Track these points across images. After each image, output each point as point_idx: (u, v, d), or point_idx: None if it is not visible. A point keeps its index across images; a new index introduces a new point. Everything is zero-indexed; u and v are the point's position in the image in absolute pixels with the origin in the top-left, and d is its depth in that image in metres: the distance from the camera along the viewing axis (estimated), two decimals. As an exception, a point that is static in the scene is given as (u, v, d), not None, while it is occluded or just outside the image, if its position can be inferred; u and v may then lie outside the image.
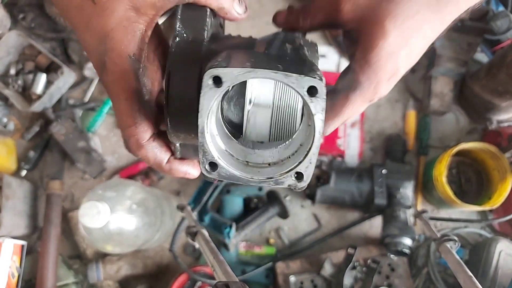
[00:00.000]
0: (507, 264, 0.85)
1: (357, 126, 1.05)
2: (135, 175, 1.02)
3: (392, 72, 0.36)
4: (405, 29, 0.35)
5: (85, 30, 0.35)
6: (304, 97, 0.30)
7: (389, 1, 0.34)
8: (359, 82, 0.36)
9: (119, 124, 0.38)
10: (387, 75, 0.36)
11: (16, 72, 1.02)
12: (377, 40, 0.35)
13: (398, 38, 0.35)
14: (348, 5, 0.36)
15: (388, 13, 0.34)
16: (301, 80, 0.30)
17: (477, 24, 0.95)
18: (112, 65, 0.35)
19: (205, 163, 0.33)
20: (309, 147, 0.32)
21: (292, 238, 1.00)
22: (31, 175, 1.03)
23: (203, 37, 0.36)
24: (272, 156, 0.36)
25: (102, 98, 1.07)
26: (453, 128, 1.05)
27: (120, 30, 0.34)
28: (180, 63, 0.35)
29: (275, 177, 0.34)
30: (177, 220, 0.94)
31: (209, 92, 0.31)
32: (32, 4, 1.04)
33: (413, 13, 0.34)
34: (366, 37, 0.35)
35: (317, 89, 0.30)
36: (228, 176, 0.34)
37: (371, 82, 0.36)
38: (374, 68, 0.35)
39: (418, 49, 0.36)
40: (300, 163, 0.33)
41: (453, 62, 0.97)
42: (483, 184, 0.98)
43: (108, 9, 0.34)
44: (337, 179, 0.92)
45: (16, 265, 0.88)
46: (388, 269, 0.89)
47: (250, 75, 0.30)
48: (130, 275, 0.95)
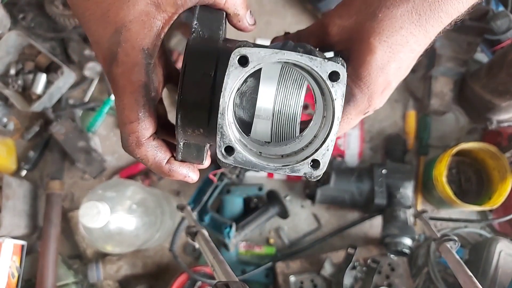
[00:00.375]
0: (507, 264, 0.85)
1: (357, 126, 1.05)
2: (135, 175, 1.02)
3: (384, 85, 0.38)
4: (392, 44, 0.36)
5: (99, 21, 0.35)
6: (326, 82, 0.32)
7: (372, 20, 0.36)
8: (352, 95, 0.38)
9: (121, 119, 0.37)
10: (379, 88, 0.38)
11: (16, 72, 1.02)
12: (364, 56, 0.37)
13: (386, 53, 0.37)
14: (335, 28, 0.39)
15: (372, 30, 0.36)
16: (325, 64, 0.31)
17: (477, 24, 0.95)
18: (124, 56, 0.35)
19: (222, 146, 0.33)
20: (326, 134, 0.33)
21: (292, 238, 1.00)
22: (31, 175, 1.03)
23: (218, 36, 0.37)
24: (283, 150, 0.36)
25: (102, 98, 1.07)
26: (453, 128, 1.05)
27: (138, 23, 0.35)
28: (197, 56, 0.35)
29: (291, 164, 0.34)
30: (177, 220, 0.94)
31: (234, 71, 0.31)
32: (32, 4, 1.04)
33: (397, 28, 0.36)
34: (355, 54, 0.37)
35: (339, 74, 0.31)
36: (244, 162, 0.34)
37: (364, 95, 0.38)
38: (366, 81, 0.37)
39: (406, 62, 0.38)
40: (317, 150, 0.34)
41: (453, 61, 0.97)
42: (483, 184, 0.98)
43: (129, 1, 0.34)
44: (337, 179, 0.92)
45: (16, 265, 0.88)
46: (388, 269, 0.89)
47: (277, 57, 0.31)
48: (130, 275, 0.95)
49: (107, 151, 1.05)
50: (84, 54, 1.02)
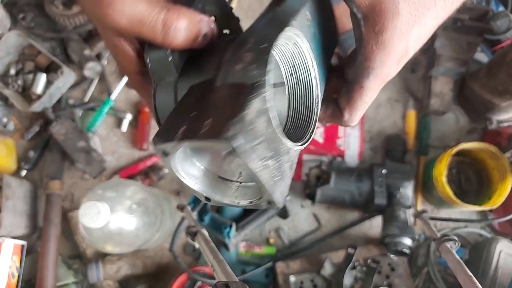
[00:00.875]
0: (507, 264, 0.85)
1: (357, 126, 1.05)
2: (135, 175, 1.02)
3: (402, 53, 0.35)
4: (418, 5, 0.33)
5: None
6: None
7: None
8: (371, 68, 0.35)
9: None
10: (397, 56, 0.35)
11: (16, 72, 1.02)
12: (390, 19, 0.33)
13: (412, 16, 0.33)
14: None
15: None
16: None
17: (477, 24, 0.95)
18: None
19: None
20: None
21: (292, 238, 1.00)
22: (31, 175, 1.03)
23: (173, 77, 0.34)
24: None
25: (102, 98, 1.07)
26: (453, 128, 1.05)
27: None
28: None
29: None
30: (177, 220, 0.94)
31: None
32: (32, 4, 1.04)
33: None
34: (379, 17, 0.34)
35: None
36: None
37: (383, 65, 0.35)
38: (386, 49, 0.34)
39: (429, 28, 0.35)
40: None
41: (453, 61, 0.97)
42: (483, 184, 0.98)
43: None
44: (337, 179, 0.92)
45: (16, 265, 0.88)
46: (388, 268, 0.89)
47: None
48: (130, 275, 0.95)
49: (107, 151, 1.05)
50: (84, 54, 1.02)
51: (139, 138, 1.04)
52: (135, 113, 1.06)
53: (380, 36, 0.34)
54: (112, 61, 1.08)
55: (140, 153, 1.05)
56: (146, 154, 1.05)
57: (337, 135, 1.05)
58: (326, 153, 1.03)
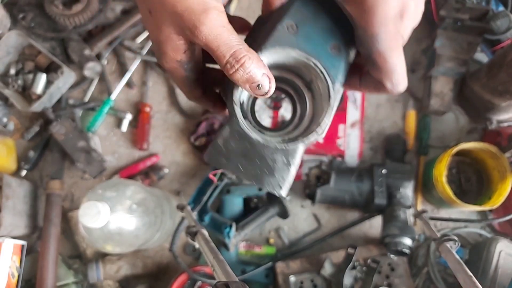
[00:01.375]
0: (507, 264, 0.85)
1: (357, 126, 1.05)
2: (135, 175, 1.02)
3: (398, 4, 0.34)
4: None
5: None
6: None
7: None
8: (375, 34, 0.35)
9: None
10: (394, 9, 0.34)
11: (16, 72, 1.02)
12: None
13: None
14: None
15: None
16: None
17: (477, 24, 0.95)
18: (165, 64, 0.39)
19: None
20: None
21: (292, 238, 1.00)
22: (31, 175, 1.03)
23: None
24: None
25: (102, 98, 1.07)
26: (453, 128, 1.05)
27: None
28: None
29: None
30: (177, 220, 0.94)
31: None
32: (32, 4, 1.04)
33: None
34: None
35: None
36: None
37: (385, 25, 0.35)
38: (378, 9, 0.33)
39: None
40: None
41: (453, 61, 0.97)
42: (483, 184, 0.98)
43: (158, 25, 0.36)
44: (337, 179, 0.92)
45: (16, 265, 0.88)
46: (388, 268, 0.89)
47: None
48: (130, 275, 0.95)
49: (107, 151, 1.05)
50: (84, 54, 1.02)
51: (139, 138, 1.04)
52: (135, 113, 1.06)
53: (364, 4, 0.34)
54: (112, 61, 1.08)
55: (140, 153, 1.05)
56: (146, 154, 1.05)
57: (337, 135, 1.05)
58: (326, 153, 1.03)
